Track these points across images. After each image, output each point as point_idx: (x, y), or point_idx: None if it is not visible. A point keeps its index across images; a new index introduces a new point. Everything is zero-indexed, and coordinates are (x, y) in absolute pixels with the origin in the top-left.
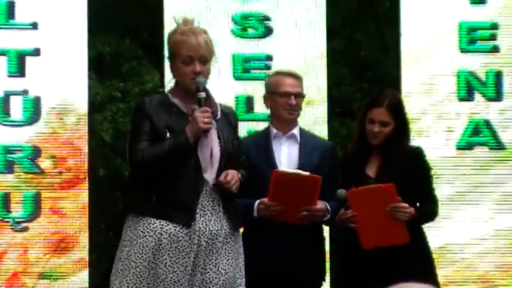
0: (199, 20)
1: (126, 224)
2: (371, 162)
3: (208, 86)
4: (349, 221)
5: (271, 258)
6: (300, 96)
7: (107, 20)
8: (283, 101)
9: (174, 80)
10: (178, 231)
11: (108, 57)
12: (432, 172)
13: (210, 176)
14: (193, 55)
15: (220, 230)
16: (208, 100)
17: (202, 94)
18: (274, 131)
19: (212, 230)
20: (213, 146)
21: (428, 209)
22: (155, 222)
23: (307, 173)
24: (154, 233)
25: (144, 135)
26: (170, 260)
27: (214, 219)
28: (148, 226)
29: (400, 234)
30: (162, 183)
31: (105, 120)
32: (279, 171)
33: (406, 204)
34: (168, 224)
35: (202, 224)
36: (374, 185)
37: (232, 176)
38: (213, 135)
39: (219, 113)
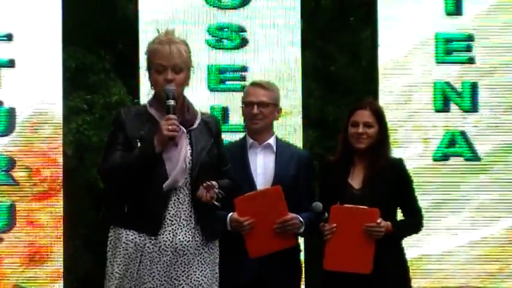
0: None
1: (108, 236)
2: (354, 172)
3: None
4: (326, 233)
5: (246, 268)
6: (264, 105)
7: (79, 32)
8: (247, 110)
9: (153, 91)
10: (144, 240)
11: (75, 69)
12: (413, 184)
13: (169, 183)
14: (166, 64)
15: (191, 241)
16: (181, 108)
17: (171, 102)
18: (250, 141)
19: (182, 241)
20: (180, 156)
21: (413, 222)
22: (124, 232)
23: (265, 188)
24: (122, 243)
25: (117, 146)
26: (141, 271)
27: (186, 230)
28: (118, 236)
29: (365, 263)
30: (133, 193)
31: (69, 133)
32: (237, 199)
33: (382, 223)
34: (134, 234)
35: (169, 234)
36: (360, 207)
37: (201, 192)
38: (184, 144)
39: (197, 121)
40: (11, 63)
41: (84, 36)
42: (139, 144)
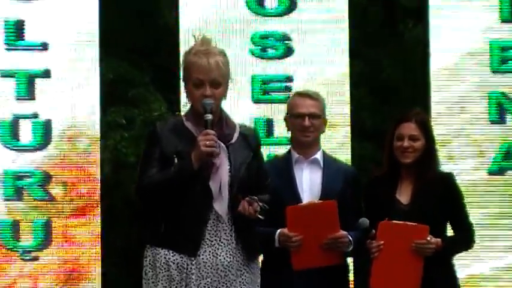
0: (217, 40)
1: (144, 255)
2: (401, 186)
3: (226, 108)
4: (373, 250)
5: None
6: (315, 117)
7: (117, 42)
8: (297, 122)
9: (189, 103)
10: (185, 261)
11: (113, 82)
12: (464, 199)
13: (219, 205)
14: (204, 78)
15: (233, 261)
16: (219, 122)
17: (209, 116)
18: (295, 155)
19: (223, 262)
20: (222, 174)
21: (464, 237)
22: (163, 252)
23: (320, 201)
24: (163, 264)
25: (153, 162)
26: None
27: (226, 250)
28: (156, 256)
29: (413, 282)
30: (170, 212)
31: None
32: (290, 208)
33: (431, 239)
34: (174, 254)
35: (209, 255)
36: (409, 223)
37: (243, 206)
38: (223, 161)
39: (235, 135)
40: (46, 74)
41: (123, 47)
42: (176, 161)
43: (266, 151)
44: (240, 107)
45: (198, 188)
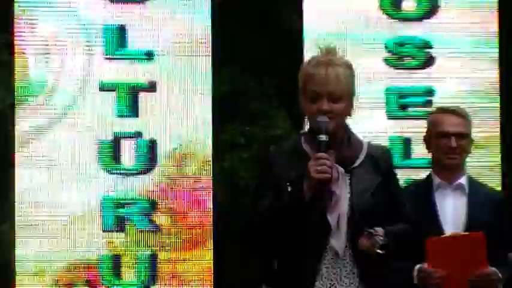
0: (347, 48)
1: None
2: None
3: (356, 126)
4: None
5: None
6: (463, 137)
7: (232, 50)
8: (442, 142)
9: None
10: None
11: (229, 95)
12: None
13: (336, 240)
14: (320, 91)
15: None
16: (340, 143)
17: (322, 137)
18: (437, 180)
19: None
20: (340, 204)
21: None
22: None
23: (466, 233)
24: None
25: (265, 192)
26: None
27: None
28: None
29: None
30: (284, 247)
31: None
32: (431, 240)
33: None
34: None
35: None
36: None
37: (361, 240)
38: (343, 188)
39: (360, 157)
40: (151, 87)
41: (240, 55)
42: (290, 189)
43: (403, 175)
44: (372, 124)
45: (314, 220)
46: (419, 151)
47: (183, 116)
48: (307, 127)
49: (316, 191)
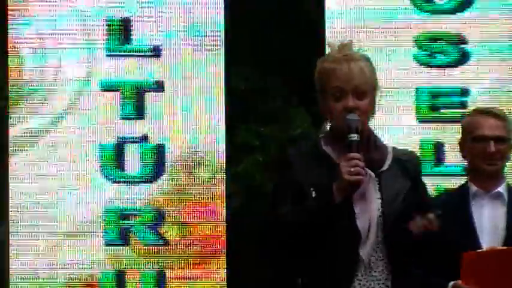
0: (372, 43)
1: None
2: None
3: (383, 128)
4: None
5: None
6: (502, 141)
7: (247, 46)
8: (480, 147)
9: (328, 123)
10: None
11: (243, 94)
12: None
13: (363, 248)
14: (344, 86)
15: None
16: (367, 144)
17: (354, 136)
18: (473, 188)
19: None
20: (370, 209)
21: None
22: None
23: (505, 247)
24: None
25: (285, 198)
26: None
27: None
28: None
29: None
30: (309, 259)
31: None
32: (467, 254)
33: None
34: None
35: None
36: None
37: (414, 223)
38: (372, 193)
39: (388, 161)
40: (158, 86)
41: (255, 51)
42: (314, 194)
43: (434, 183)
44: (401, 128)
45: (344, 231)
46: (452, 157)
47: (194, 118)
48: (326, 128)
49: (347, 193)
